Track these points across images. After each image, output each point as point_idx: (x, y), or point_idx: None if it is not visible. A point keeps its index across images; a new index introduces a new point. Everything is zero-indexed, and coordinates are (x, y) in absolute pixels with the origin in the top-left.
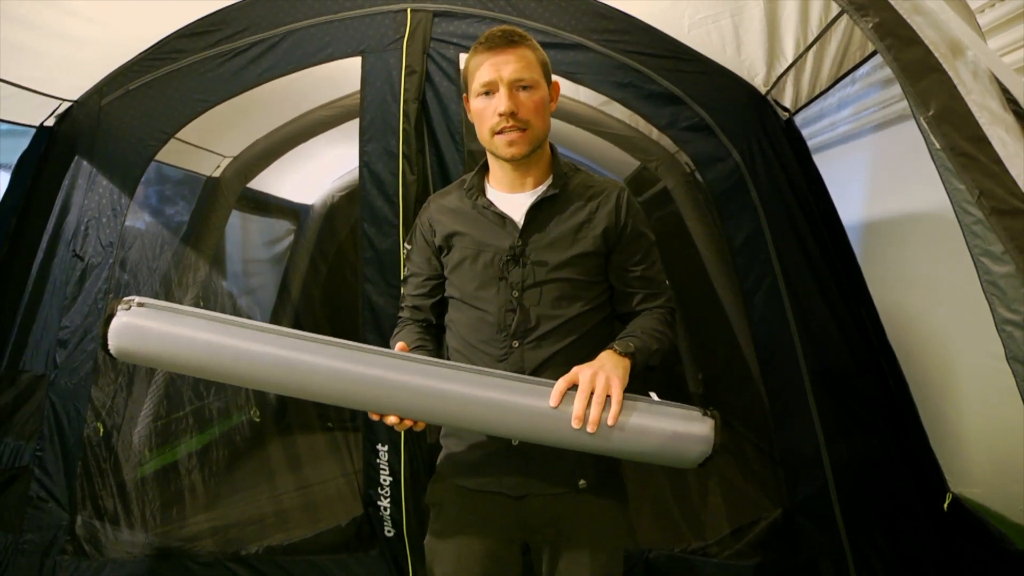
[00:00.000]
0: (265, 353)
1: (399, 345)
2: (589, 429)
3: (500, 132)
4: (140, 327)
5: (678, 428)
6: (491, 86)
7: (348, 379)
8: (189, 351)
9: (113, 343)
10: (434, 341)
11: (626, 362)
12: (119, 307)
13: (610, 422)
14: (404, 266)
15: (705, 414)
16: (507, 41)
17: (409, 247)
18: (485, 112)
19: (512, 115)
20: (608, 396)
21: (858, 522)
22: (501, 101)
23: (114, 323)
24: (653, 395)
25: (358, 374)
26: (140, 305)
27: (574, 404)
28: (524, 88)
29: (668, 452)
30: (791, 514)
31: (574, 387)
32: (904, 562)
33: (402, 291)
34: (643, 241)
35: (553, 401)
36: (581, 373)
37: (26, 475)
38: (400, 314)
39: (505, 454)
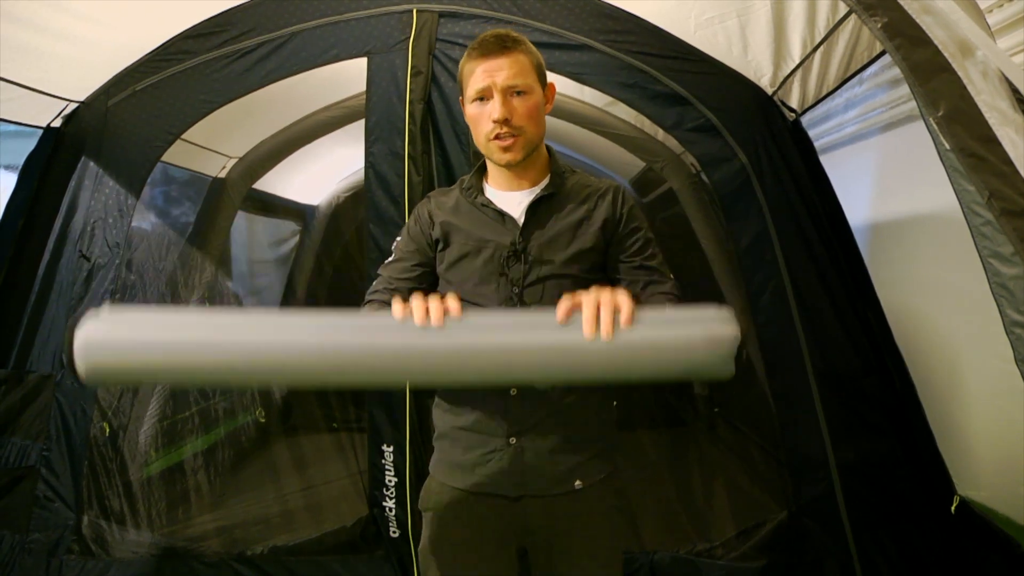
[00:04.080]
0: (272, 341)
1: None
2: (603, 335)
3: (495, 138)
4: (109, 340)
5: (698, 324)
6: (485, 92)
7: (345, 353)
8: (171, 360)
9: (81, 363)
10: None
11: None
12: (82, 322)
13: (623, 323)
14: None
15: (719, 308)
16: (500, 46)
17: (400, 238)
18: (480, 118)
19: (506, 122)
20: (617, 308)
21: (864, 524)
22: (495, 108)
23: (78, 337)
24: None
25: (354, 347)
26: (106, 316)
27: (583, 313)
28: (518, 94)
29: (697, 353)
30: (797, 516)
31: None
32: (910, 565)
33: (381, 274)
34: (640, 234)
35: (560, 317)
36: (583, 294)
37: (33, 475)
38: (371, 296)
39: (501, 454)
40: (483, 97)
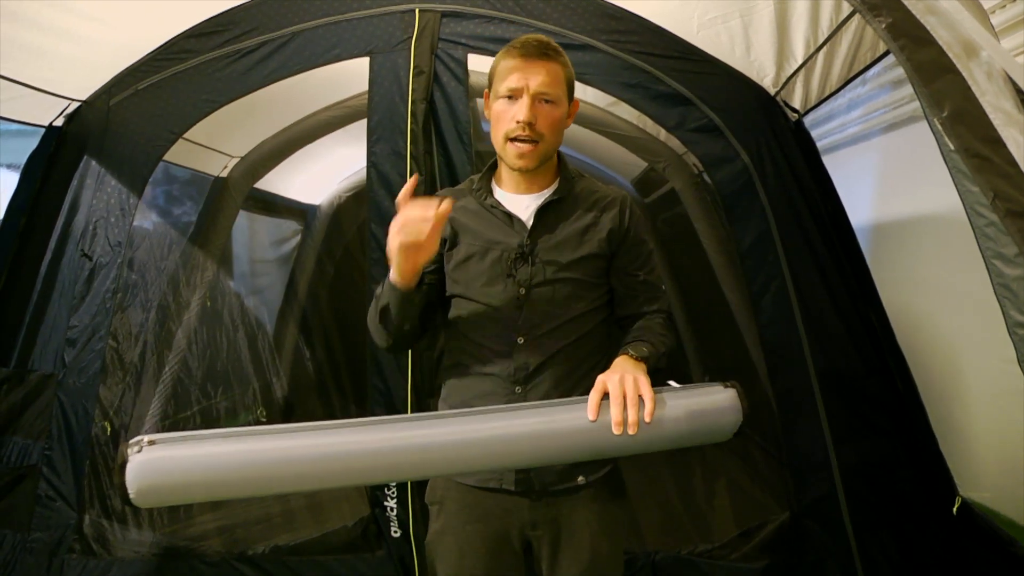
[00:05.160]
0: (310, 445)
1: None
2: (631, 432)
3: (514, 140)
4: (160, 461)
5: (708, 406)
6: (516, 92)
7: (393, 450)
8: (219, 471)
9: (134, 487)
10: None
11: (643, 365)
12: (129, 451)
13: (647, 419)
14: None
15: (726, 386)
16: (542, 52)
17: None
18: (504, 115)
19: (529, 125)
20: (639, 396)
21: (866, 525)
22: (522, 109)
23: (130, 467)
24: (672, 383)
25: (402, 443)
26: (151, 443)
27: (611, 411)
28: (547, 102)
29: (705, 431)
30: (798, 517)
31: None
32: (912, 566)
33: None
34: (644, 247)
35: (592, 415)
36: (609, 381)
37: (34, 474)
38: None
39: None
40: (512, 96)
